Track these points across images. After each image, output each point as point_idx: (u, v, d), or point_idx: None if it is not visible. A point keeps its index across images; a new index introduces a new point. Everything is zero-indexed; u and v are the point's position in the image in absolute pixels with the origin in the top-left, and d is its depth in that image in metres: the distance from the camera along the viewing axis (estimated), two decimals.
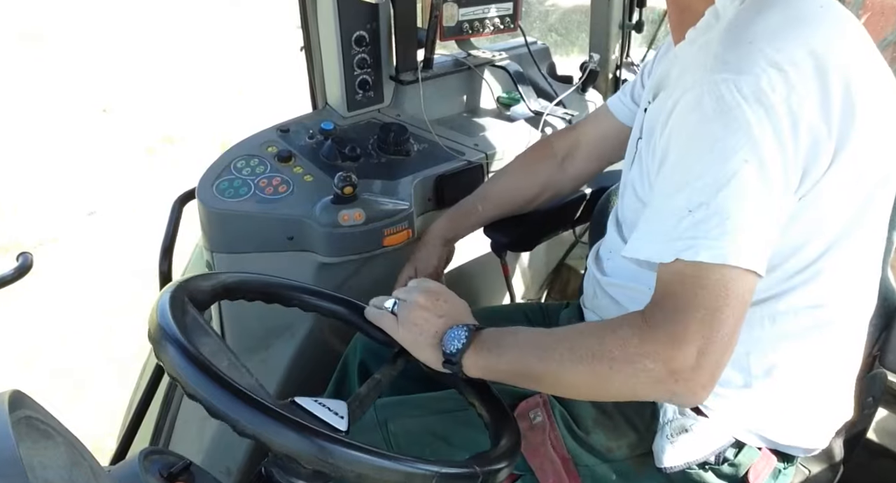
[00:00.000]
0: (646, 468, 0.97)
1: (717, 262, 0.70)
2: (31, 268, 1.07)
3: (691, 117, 0.77)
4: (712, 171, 0.73)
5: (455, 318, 0.88)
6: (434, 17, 1.51)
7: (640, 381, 0.71)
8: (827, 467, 1.09)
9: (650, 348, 0.70)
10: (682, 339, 0.69)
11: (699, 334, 0.69)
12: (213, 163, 1.35)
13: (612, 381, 0.73)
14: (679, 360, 0.69)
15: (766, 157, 0.72)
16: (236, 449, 1.46)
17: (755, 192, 0.72)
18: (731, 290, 0.71)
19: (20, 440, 0.56)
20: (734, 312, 0.71)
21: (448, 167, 1.44)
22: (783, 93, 0.73)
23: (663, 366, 0.70)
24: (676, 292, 0.72)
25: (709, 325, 0.70)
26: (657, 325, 0.71)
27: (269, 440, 0.65)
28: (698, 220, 0.72)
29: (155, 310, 0.73)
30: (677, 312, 0.71)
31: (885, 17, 4.19)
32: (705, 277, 0.71)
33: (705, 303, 0.70)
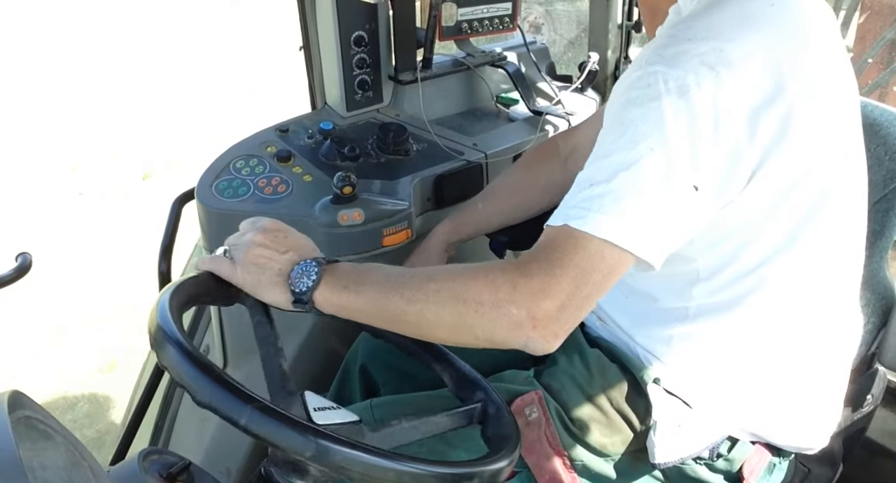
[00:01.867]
0: (641, 464, 0.98)
1: (599, 236, 0.73)
2: (31, 268, 1.07)
3: (619, 99, 0.80)
4: (620, 152, 0.75)
5: (301, 252, 0.82)
6: (433, 17, 1.51)
7: (501, 325, 0.73)
8: (826, 466, 1.10)
9: (519, 296, 0.72)
10: (550, 291, 0.71)
11: (566, 290, 0.72)
12: (212, 163, 1.35)
13: (474, 324, 0.74)
14: (542, 310, 0.71)
15: (675, 151, 0.74)
16: (236, 449, 1.46)
17: (654, 182, 0.74)
18: (606, 261, 0.73)
19: (20, 441, 0.56)
20: (602, 280, 0.74)
21: (447, 167, 1.44)
22: (709, 91, 0.75)
23: (526, 313, 0.71)
24: (557, 248, 0.74)
25: (577, 284, 0.72)
26: (531, 274, 0.73)
27: (271, 440, 0.64)
28: (595, 194, 0.75)
29: (155, 310, 0.73)
30: (553, 266, 0.73)
31: (884, 16, 4.19)
32: (587, 245, 0.73)
33: (581, 264, 0.73)
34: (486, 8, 1.60)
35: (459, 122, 1.65)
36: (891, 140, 1.08)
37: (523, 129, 1.61)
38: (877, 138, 1.09)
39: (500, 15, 1.63)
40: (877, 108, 1.12)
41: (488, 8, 1.61)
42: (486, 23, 1.61)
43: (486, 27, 1.62)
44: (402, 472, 0.66)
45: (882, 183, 1.09)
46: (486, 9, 1.60)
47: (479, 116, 1.69)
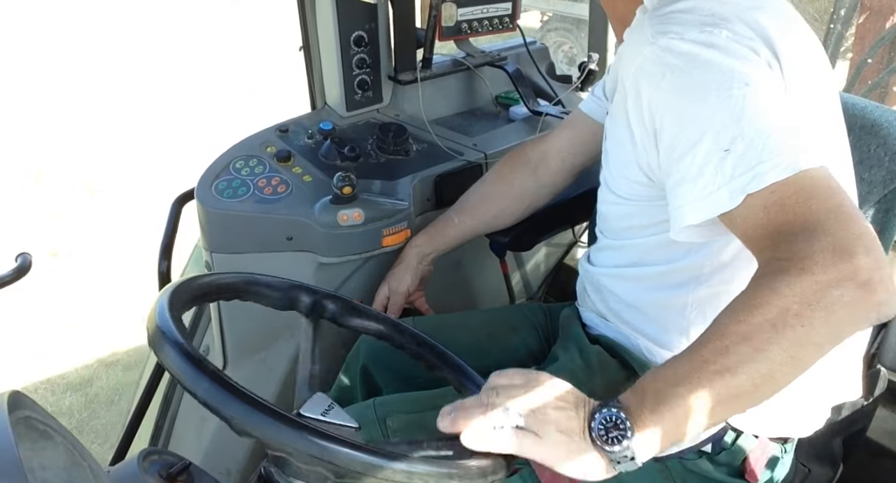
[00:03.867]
0: None
1: (789, 174, 0.66)
2: (31, 268, 1.07)
3: (664, 84, 0.77)
4: (722, 107, 0.71)
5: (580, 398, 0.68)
6: (433, 17, 1.51)
7: (841, 316, 0.61)
8: (827, 466, 1.10)
9: (823, 276, 0.61)
10: (843, 247, 0.61)
11: (847, 233, 0.62)
12: (212, 163, 1.35)
13: (812, 339, 0.62)
14: (860, 267, 0.60)
15: (753, 69, 0.73)
16: (236, 449, 1.46)
17: (773, 101, 0.71)
18: (824, 185, 0.66)
19: (19, 441, 0.56)
20: (847, 200, 0.66)
21: (447, 167, 1.44)
22: (723, 33, 0.77)
23: (850, 283, 0.60)
24: (786, 220, 0.66)
25: (843, 220, 0.63)
26: (805, 254, 0.62)
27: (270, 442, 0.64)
28: (741, 153, 0.69)
29: (154, 311, 0.73)
30: (810, 232, 0.63)
31: (883, 16, 4.20)
32: (795, 193, 0.66)
33: (821, 207, 0.64)
34: (486, 8, 1.60)
35: (459, 122, 1.65)
36: (891, 140, 1.08)
37: (523, 129, 1.62)
38: (877, 138, 1.09)
39: (500, 15, 1.64)
40: (877, 108, 1.12)
41: (488, 8, 1.61)
42: (485, 23, 1.62)
43: (486, 27, 1.62)
44: (401, 470, 0.66)
45: (882, 183, 1.09)
46: (486, 9, 1.61)
47: (478, 116, 1.69)
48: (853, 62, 4.23)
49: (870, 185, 1.10)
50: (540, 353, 1.21)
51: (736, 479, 0.97)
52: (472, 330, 1.24)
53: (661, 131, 0.79)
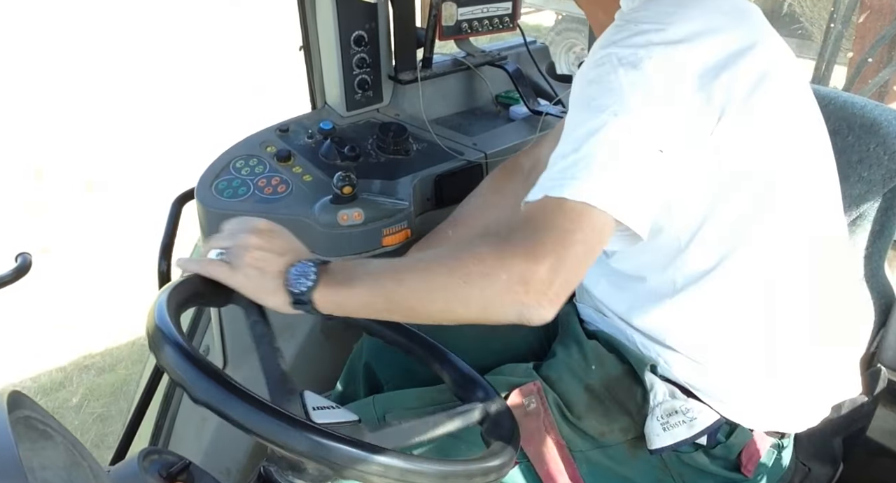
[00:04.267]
0: (639, 451, 1.00)
1: (576, 198, 0.74)
2: (30, 268, 1.07)
3: (579, 84, 0.85)
4: (586, 123, 0.79)
5: (296, 254, 0.82)
6: (433, 17, 1.51)
7: (493, 293, 0.72)
8: (827, 465, 1.10)
9: (507, 261, 0.72)
10: (536, 253, 0.72)
11: (552, 252, 0.72)
12: (212, 163, 1.35)
13: (465, 296, 0.73)
14: (532, 272, 0.71)
15: (636, 116, 0.78)
16: (236, 449, 1.46)
17: (623, 143, 0.77)
18: (585, 222, 0.74)
19: (19, 440, 0.56)
20: (587, 241, 0.74)
21: (447, 167, 1.44)
22: (659, 60, 0.80)
23: (517, 277, 0.71)
24: (536, 218, 0.76)
25: (561, 244, 0.73)
26: (515, 242, 0.74)
27: (268, 438, 0.64)
28: (568, 164, 0.77)
29: (153, 310, 0.73)
30: (535, 232, 0.74)
31: (883, 15, 4.19)
32: (564, 208, 0.75)
33: (561, 225, 0.74)
34: (486, 7, 1.60)
35: (459, 122, 1.65)
36: (890, 139, 1.08)
37: (523, 129, 1.61)
38: (876, 137, 1.09)
39: (500, 14, 1.63)
40: (877, 107, 1.12)
41: (488, 7, 1.61)
42: (486, 22, 1.61)
43: (486, 27, 1.62)
44: (403, 469, 0.66)
45: (881, 182, 1.09)
46: (486, 8, 1.60)
47: (478, 116, 1.69)
48: (853, 61, 4.23)
49: (869, 183, 1.10)
50: (540, 349, 1.21)
51: (731, 472, 0.98)
52: (473, 327, 1.24)
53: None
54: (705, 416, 0.95)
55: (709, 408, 0.95)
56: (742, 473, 0.97)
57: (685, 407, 0.94)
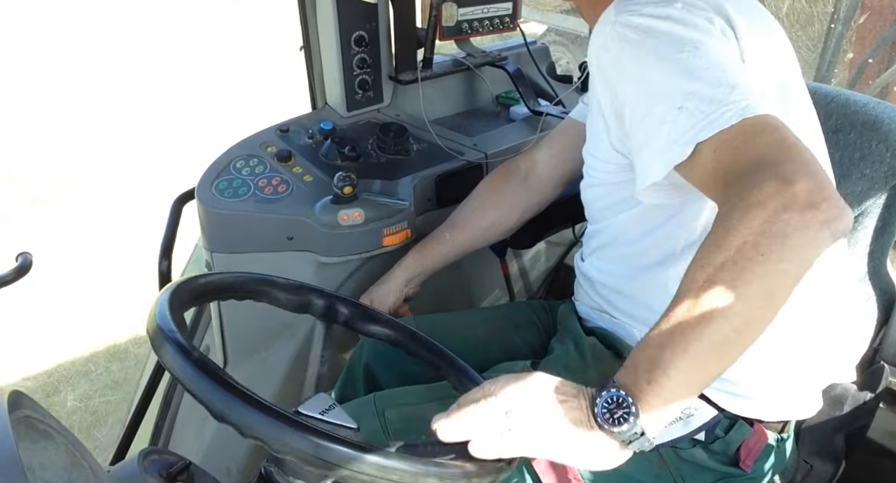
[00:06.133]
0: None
1: (735, 121, 0.68)
2: (31, 268, 1.07)
3: (623, 56, 0.80)
4: (673, 69, 0.75)
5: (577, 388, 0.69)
6: (433, 17, 1.51)
7: (794, 239, 0.62)
8: (829, 463, 1.10)
9: (771, 205, 0.62)
10: (783, 177, 0.63)
11: (789, 162, 0.64)
12: (212, 163, 1.35)
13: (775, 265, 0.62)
14: (800, 193, 0.62)
15: (704, 34, 0.77)
16: (236, 449, 1.46)
17: (722, 59, 0.75)
18: (769, 124, 0.68)
19: (20, 440, 0.56)
20: (791, 135, 0.68)
21: (447, 167, 1.44)
22: (677, 4, 0.80)
23: (797, 207, 0.62)
24: (733, 160, 0.68)
25: (785, 151, 0.66)
26: (752, 187, 0.64)
27: (272, 443, 0.64)
28: (694, 107, 0.71)
29: (154, 310, 0.72)
30: (754, 166, 0.66)
31: (884, 16, 4.19)
32: (741, 134, 0.68)
33: (765, 142, 0.67)
34: (487, 8, 1.60)
35: (459, 122, 1.65)
36: (892, 136, 1.08)
37: (523, 129, 1.62)
38: (878, 135, 1.09)
39: (500, 15, 1.63)
40: (878, 104, 1.12)
41: (488, 8, 1.61)
42: (486, 23, 1.61)
43: (487, 27, 1.62)
44: (403, 470, 0.66)
45: (884, 179, 1.09)
46: (487, 9, 1.60)
47: (479, 116, 1.69)
48: (853, 62, 4.23)
49: (871, 181, 1.10)
50: (540, 349, 1.21)
51: (730, 467, 0.98)
52: (473, 327, 1.25)
53: (625, 103, 0.82)
54: (703, 412, 0.95)
55: (706, 403, 0.95)
56: (741, 468, 0.97)
57: None
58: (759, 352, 0.93)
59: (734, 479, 0.98)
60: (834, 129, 1.14)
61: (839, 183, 1.09)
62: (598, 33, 0.86)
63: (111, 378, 2.74)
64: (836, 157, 1.12)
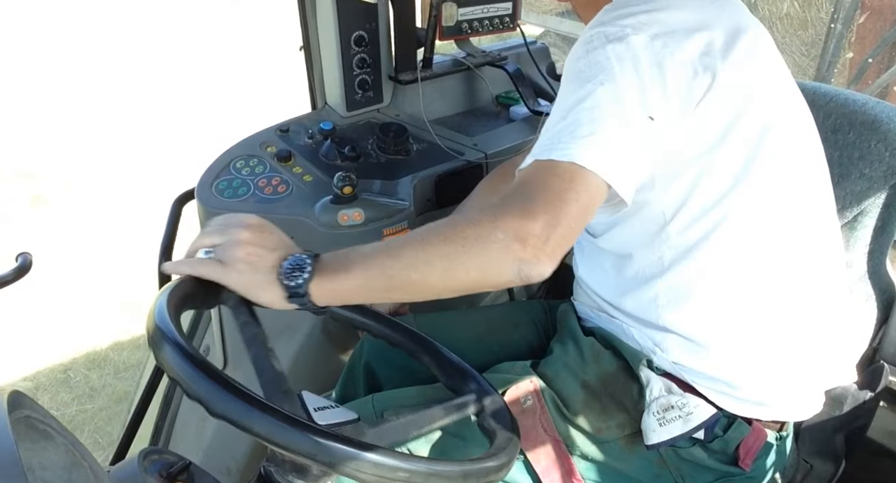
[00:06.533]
0: (636, 447, 1.00)
1: (565, 160, 0.76)
2: (31, 268, 1.07)
3: (567, 64, 0.87)
4: (574, 93, 0.81)
5: (287, 248, 0.80)
6: (433, 17, 1.51)
7: (491, 254, 0.73)
8: (829, 462, 1.10)
9: (502, 222, 0.73)
10: (531, 211, 0.73)
11: (547, 209, 0.73)
12: (212, 163, 1.35)
13: (464, 261, 0.73)
14: (528, 228, 0.72)
15: (623, 85, 0.80)
16: (236, 449, 1.46)
17: (610, 109, 0.79)
18: (577, 182, 0.75)
19: (20, 440, 0.56)
20: (579, 200, 0.75)
21: (447, 167, 1.44)
22: (646, 33, 0.83)
23: (513, 234, 0.72)
24: (529, 181, 0.77)
25: (554, 203, 0.74)
26: (508, 203, 0.75)
27: (272, 440, 0.64)
28: (556, 132, 0.79)
29: (153, 310, 0.72)
30: (529, 192, 0.75)
31: (884, 16, 4.19)
32: (555, 169, 0.76)
33: (554, 186, 0.75)
34: (486, 8, 1.60)
35: (459, 122, 1.65)
36: (891, 136, 1.08)
37: (523, 129, 1.62)
38: (877, 134, 1.09)
39: (500, 15, 1.64)
40: (878, 104, 1.12)
41: (488, 8, 1.61)
42: (486, 23, 1.61)
43: (486, 27, 1.62)
44: (409, 470, 0.66)
45: (883, 178, 1.09)
46: (486, 9, 1.60)
47: (478, 116, 1.69)
48: (853, 62, 4.23)
49: (870, 180, 1.10)
50: (539, 348, 1.22)
51: (730, 466, 0.98)
52: (473, 326, 1.25)
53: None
54: (701, 410, 0.95)
55: (705, 402, 0.95)
56: (740, 467, 0.98)
57: (681, 402, 0.95)
58: (758, 351, 0.94)
59: (733, 477, 0.98)
60: (833, 128, 1.14)
61: (838, 182, 1.09)
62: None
63: (89, 386, 2.68)
64: (836, 157, 1.12)
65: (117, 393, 2.65)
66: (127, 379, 2.70)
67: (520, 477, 0.98)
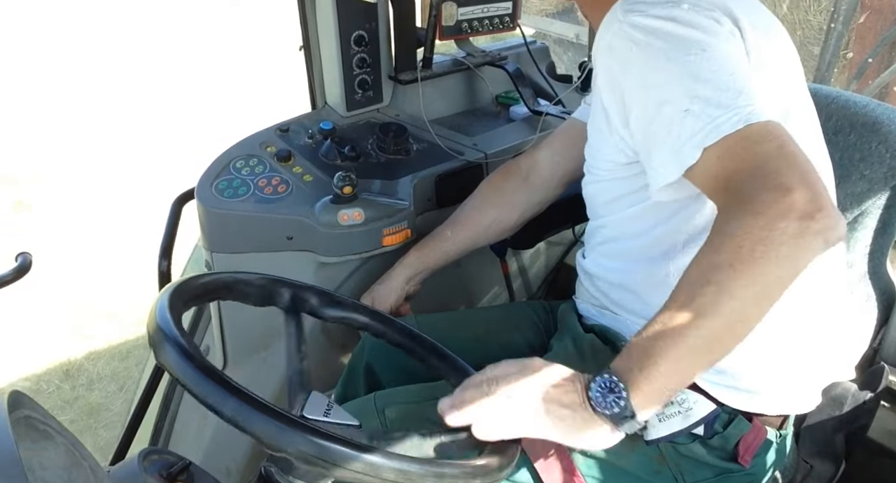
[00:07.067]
0: (635, 443, 0.99)
1: (740, 126, 0.71)
2: (31, 268, 1.07)
3: (631, 56, 0.82)
4: (680, 71, 0.76)
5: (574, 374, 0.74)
6: (433, 17, 1.51)
7: (793, 246, 0.66)
8: (829, 463, 1.10)
9: (769, 213, 0.66)
10: (783, 186, 0.67)
11: (790, 175, 0.67)
12: (212, 163, 1.35)
13: (768, 269, 0.66)
14: (798, 202, 0.66)
15: (711, 36, 0.77)
16: (236, 449, 1.46)
17: (728, 62, 0.76)
18: (771, 133, 0.71)
19: (20, 440, 0.56)
20: (789, 144, 0.70)
21: (447, 167, 1.44)
22: (684, 5, 0.81)
23: (793, 217, 0.66)
24: (736, 167, 0.71)
25: (784, 160, 0.69)
26: (751, 195, 0.68)
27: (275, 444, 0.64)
28: (699, 111, 0.73)
29: (154, 310, 0.72)
30: (754, 175, 0.69)
31: (884, 16, 4.19)
32: (744, 141, 0.71)
33: (765, 151, 0.70)
34: (486, 7, 1.60)
35: (459, 122, 1.65)
36: (892, 137, 1.08)
37: (523, 129, 1.62)
38: (878, 136, 1.09)
39: (500, 14, 1.63)
40: (879, 106, 1.12)
41: (488, 7, 1.61)
42: (486, 22, 1.61)
43: (486, 27, 1.62)
44: (410, 471, 0.66)
45: (883, 180, 1.09)
46: (486, 8, 1.60)
47: (478, 116, 1.69)
48: (853, 62, 4.23)
49: (871, 182, 1.10)
50: (540, 349, 1.21)
51: (729, 463, 0.98)
52: (473, 326, 1.25)
53: (632, 104, 0.83)
54: (701, 406, 0.95)
55: (704, 398, 0.95)
56: (740, 463, 0.97)
57: (681, 398, 0.94)
58: (759, 346, 0.94)
59: (733, 474, 0.98)
60: (834, 130, 1.14)
61: (839, 184, 1.10)
62: (603, 33, 0.86)
63: (61, 398, 2.58)
64: (836, 158, 1.12)
65: (89, 405, 2.55)
66: (100, 391, 2.61)
67: (519, 475, 0.98)
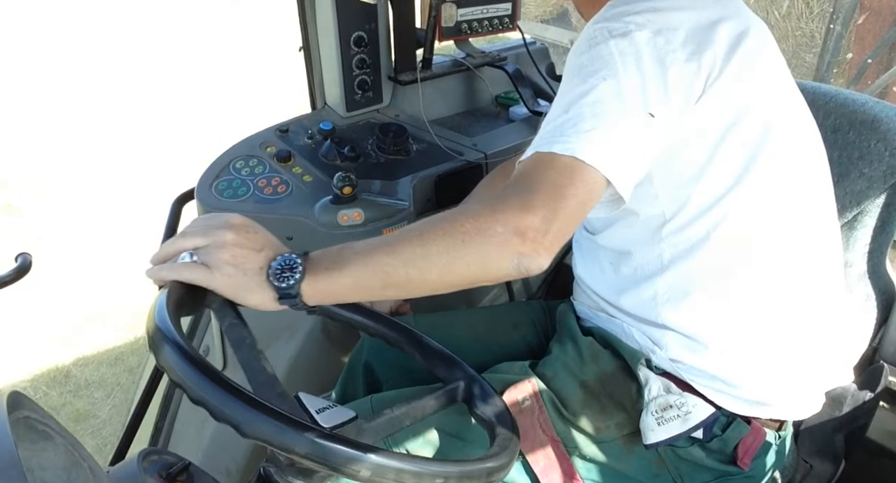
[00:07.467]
0: (635, 447, 1.00)
1: (566, 153, 0.76)
2: (31, 268, 1.07)
3: (569, 59, 0.87)
4: (576, 88, 0.81)
5: (274, 248, 0.78)
6: (433, 18, 1.52)
7: (490, 247, 0.72)
8: (828, 462, 1.10)
9: (501, 215, 0.73)
10: (530, 205, 0.73)
11: (546, 203, 0.73)
12: (212, 163, 1.35)
13: (463, 255, 0.73)
14: (526, 223, 0.72)
15: (625, 80, 0.80)
16: (236, 449, 1.46)
17: (610, 106, 0.79)
18: (576, 176, 0.75)
19: (19, 441, 0.56)
20: (578, 195, 0.75)
21: (447, 167, 1.44)
22: (649, 30, 0.83)
23: (513, 228, 0.72)
24: (528, 173, 0.77)
25: (553, 196, 0.74)
26: (507, 197, 0.75)
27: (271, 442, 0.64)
28: (558, 125, 0.79)
29: (153, 311, 0.72)
30: (528, 186, 0.75)
31: (883, 17, 4.19)
32: (555, 162, 0.76)
33: (553, 180, 0.75)
34: (486, 8, 1.61)
35: (459, 123, 1.65)
36: (891, 135, 1.08)
37: (523, 129, 1.62)
38: (877, 134, 1.09)
39: (500, 15, 1.64)
40: (877, 104, 1.12)
41: (488, 8, 1.61)
42: (485, 23, 1.62)
43: (486, 27, 1.62)
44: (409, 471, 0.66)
45: (882, 178, 1.09)
46: (486, 9, 1.61)
47: (478, 116, 1.70)
48: (853, 62, 4.23)
49: (870, 180, 1.10)
50: (539, 348, 1.22)
51: (728, 466, 0.98)
52: (472, 326, 1.25)
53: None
54: (700, 409, 0.95)
55: (703, 401, 0.95)
56: (738, 466, 0.98)
57: (680, 401, 0.95)
58: (757, 350, 0.94)
59: (732, 477, 0.98)
60: (833, 128, 1.14)
61: (838, 182, 1.09)
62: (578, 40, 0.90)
63: (48, 404, 2.52)
64: (835, 157, 1.12)
65: (76, 412, 2.51)
66: (87, 397, 2.57)
67: (519, 478, 0.98)
